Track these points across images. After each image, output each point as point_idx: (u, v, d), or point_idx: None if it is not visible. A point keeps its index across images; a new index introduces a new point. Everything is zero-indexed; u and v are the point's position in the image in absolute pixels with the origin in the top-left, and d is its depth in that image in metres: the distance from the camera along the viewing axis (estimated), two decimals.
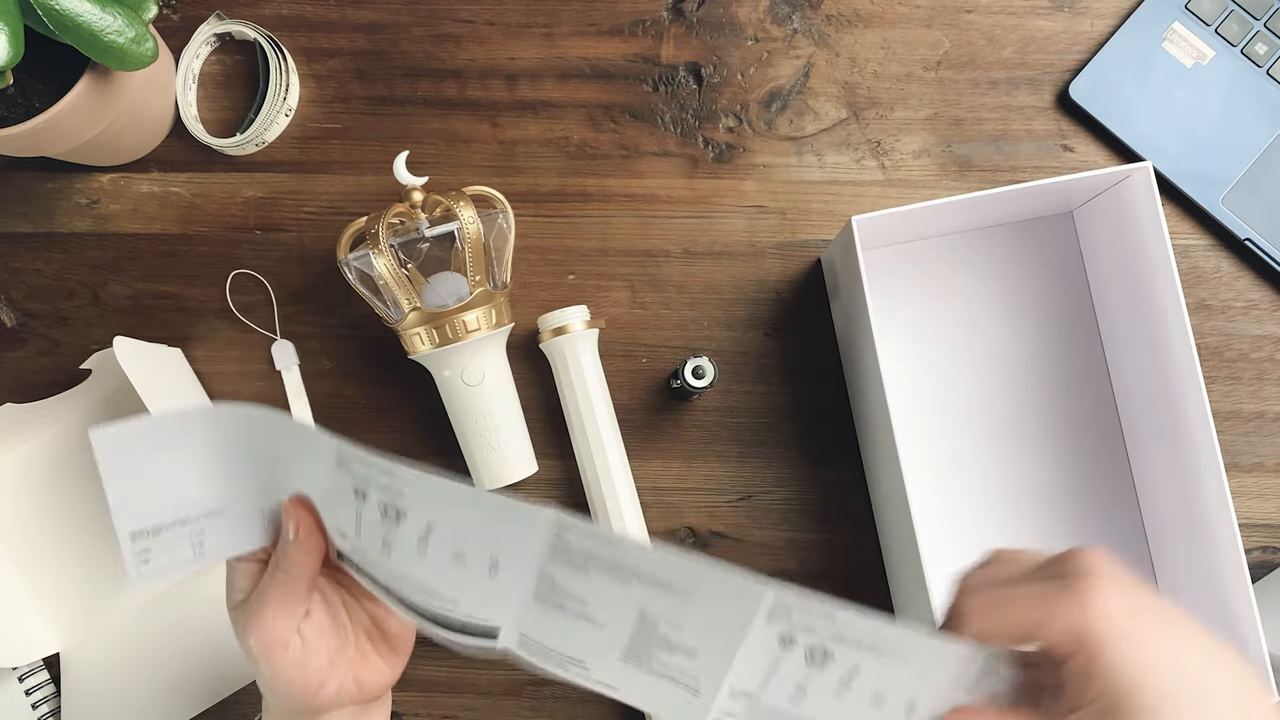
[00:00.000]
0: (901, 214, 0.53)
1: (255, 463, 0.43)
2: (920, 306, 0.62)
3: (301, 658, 0.43)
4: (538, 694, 0.63)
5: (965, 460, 0.62)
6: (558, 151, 0.65)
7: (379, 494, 0.40)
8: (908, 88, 0.64)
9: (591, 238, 0.65)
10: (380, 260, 0.56)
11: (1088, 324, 0.62)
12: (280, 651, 0.42)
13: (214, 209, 0.66)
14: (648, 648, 0.40)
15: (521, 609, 0.40)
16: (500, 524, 0.39)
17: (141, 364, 0.57)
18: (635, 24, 0.65)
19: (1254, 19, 0.62)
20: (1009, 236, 0.63)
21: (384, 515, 0.40)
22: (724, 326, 0.64)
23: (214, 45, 0.66)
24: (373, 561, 0.42)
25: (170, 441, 0.43)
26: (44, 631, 0.61)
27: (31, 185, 0.66)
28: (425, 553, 0.40)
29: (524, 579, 0.39)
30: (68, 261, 0.66)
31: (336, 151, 0.66)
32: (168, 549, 0.44)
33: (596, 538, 0.38)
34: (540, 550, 0.38)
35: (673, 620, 0.38)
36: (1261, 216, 0.61)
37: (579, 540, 0.38)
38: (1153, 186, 0.52)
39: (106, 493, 0.43)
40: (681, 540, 0.63)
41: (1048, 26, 0.64)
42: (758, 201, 0.64)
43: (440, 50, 0.66)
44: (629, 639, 0.39)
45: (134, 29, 0.52)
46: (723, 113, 0.65)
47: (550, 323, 0.60)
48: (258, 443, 0.43)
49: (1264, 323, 0.63)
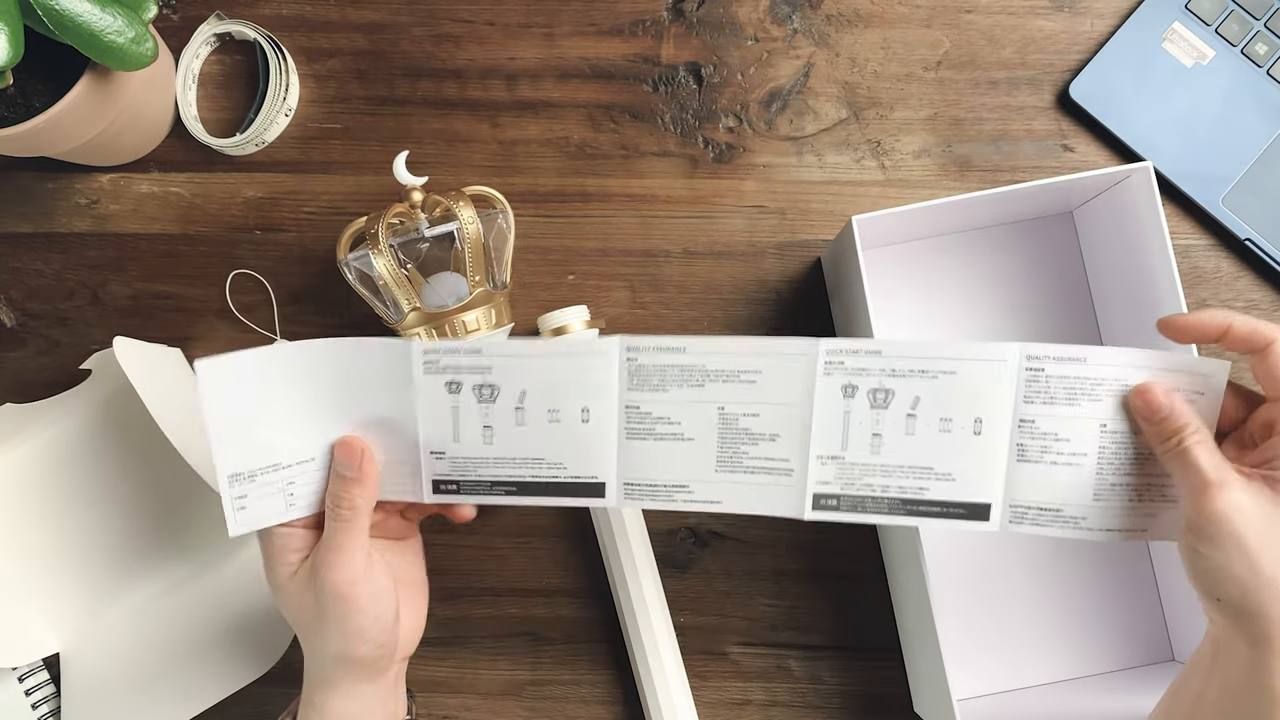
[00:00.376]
0: (902, 213, 0.53)
1: (350, 400, 0.45)
2: (920, 306, 0.62)
3: (378, 588, 0.45)
4: (538, 694, 0.63)
5: None
6: (558, 151, 0.65)
7: (472, 377, 0.45)
8: (908, 88, 0.64)
9: (591, 238, 0.65)
10: (380, 260, 0.56)
11: (1087, 324, 0.62)
12: (363, 587, 0.44)
13: (214, 209, 0.66)
14: (736, 447, 0.45)
15: (620, 454, 0.45)
16: (579, 364, 0.44)
17: (141, 364, 0.57)
18: (635, 24, 0.65)
19: (1254, 19, 0.62)
20: (1009, 236, 0.63)
21: (480, 398, 0.45)
22: (724, 326, 0.64)
23: (214, 45, 0.66)
24: (477, 460, 0.46)
25: (271, 378, 0.44)
26: (44, 631, 0.61)
27: (31, 185, 0.66)
28: (525, 420, 0.45)
29: (614, 420, 0.45)
30: (67, 261, 0.66)
31: (336, 151, 0.66)
32: (263, 496, 0.45)
33: (663, 348, 0.44)
34: (619, 380, 0.44)
35: (749, 407, 0.44)
36: (1262, 216, 0.61)
37: (650, 357, 0.44)
38: (1153, 186, 0.52)
39: (208, 429, 0.44)
40: (681, 540, 0.63)
41: (1048, 26, 0.64)
42: (758, 201, 0.64)
43: (440, 50, 0.66)
44: (718, 444, 0.45)
45: (134, 29, 0.52)
46: (723, 113, 0.65)
47: (550, 323, 0.60)
48: (355, 376, 0.45)
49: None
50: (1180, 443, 0.41)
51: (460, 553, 0.64)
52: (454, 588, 0.63)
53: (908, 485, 0.44)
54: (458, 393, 0.45)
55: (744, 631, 0.62)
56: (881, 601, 0.62)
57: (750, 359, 0.44)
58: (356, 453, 0.45)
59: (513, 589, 0.63)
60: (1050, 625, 0.60)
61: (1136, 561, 0.61)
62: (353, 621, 0.44)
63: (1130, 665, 0.60)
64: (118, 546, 0.63)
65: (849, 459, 0.44)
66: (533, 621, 0.63)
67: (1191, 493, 0.40)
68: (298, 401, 0.45)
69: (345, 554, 0.44)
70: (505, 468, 0.46)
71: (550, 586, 0.63)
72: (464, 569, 0.64)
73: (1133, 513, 0.44)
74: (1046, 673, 0.60)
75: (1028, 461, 0.43)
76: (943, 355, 0.43)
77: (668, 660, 0.59)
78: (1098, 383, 0.43)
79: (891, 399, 0.44)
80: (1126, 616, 0.60)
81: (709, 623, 0.62)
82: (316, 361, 0.45)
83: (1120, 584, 0.60)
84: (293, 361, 0.44)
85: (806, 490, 0.45)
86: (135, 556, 0.63)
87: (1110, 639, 0.60)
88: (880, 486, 0.44)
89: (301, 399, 0.45)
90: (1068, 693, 0.59)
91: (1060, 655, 0.60)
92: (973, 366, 0.43)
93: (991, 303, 0.62)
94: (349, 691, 0.46)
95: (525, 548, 0.63)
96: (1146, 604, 0.60)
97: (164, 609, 0.62)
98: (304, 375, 0.45)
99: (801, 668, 0.62)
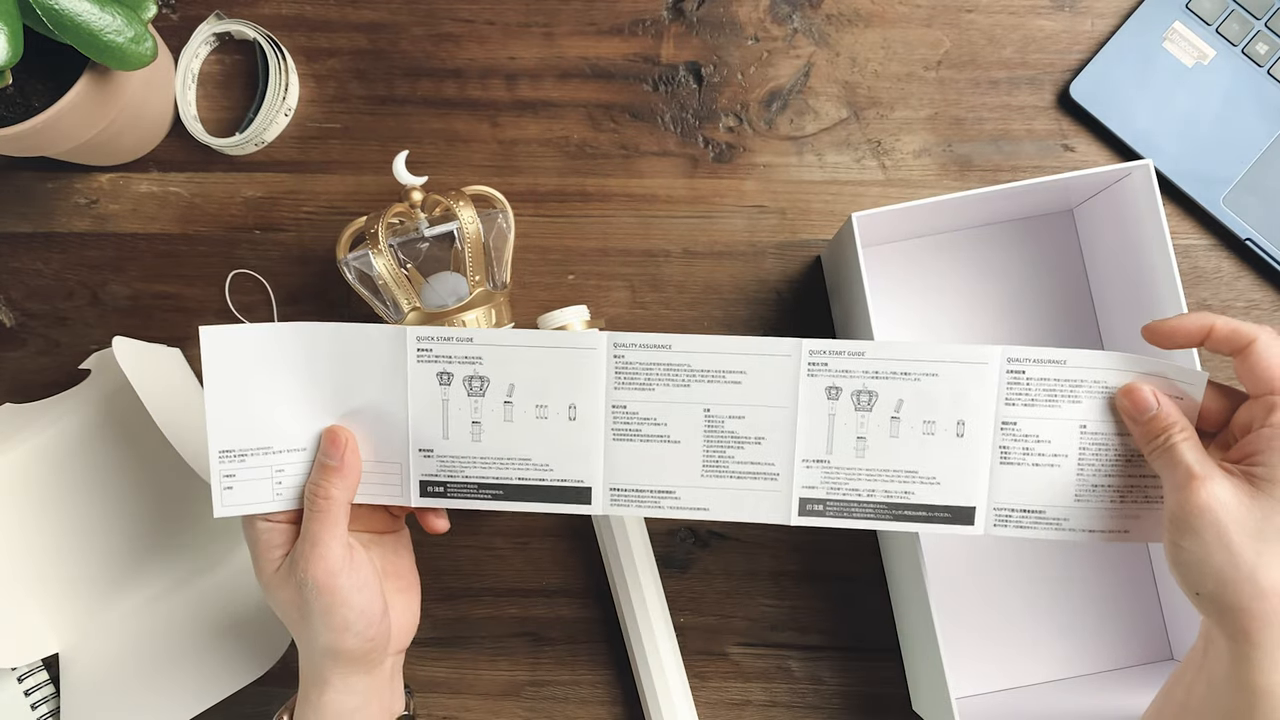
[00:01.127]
0: (901, 211, 0.53)
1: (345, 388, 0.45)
2: (920, 305, 0.62)
3: (361, 580, 0.45)
4: (537, 694, 0.63)
5: None
6: (558, 151, 0.65)
7: (463, 369, 0.45)
8: (908, 87, 0.64)
9: (591, 238, 0.65)
10: (380, 260, 0.56)
11: (1087, 323, 0.62)
12: (344, 579, 0.44)
13: (213, 209, 0.66)
14: (722, 450, 0.45)
15: (606, 456, 0.45)
16: (568, 358, 0.45)
17: (141, 364, 0.57)
18: (635, 23, 0.65)
19: (1255, 18, 0.62)
20: (1009, 235, 0.63)
21: (469, 391, 0.45)
22: (724, 326, 0.64)
23: (213, 45, 0.66)
24: (464, 459, 0.46)
25: (271, 357, 0.45)
26: (43, 631, 0.61)
27: (31, 185, 0.66)
28: (513, 415, 0.45)
29: (601, 419, 0.45)
30: (67, 261, 0.66)
31: (336, 151, 0.66)
32: (251, 479, 0.45)
33: (650, 345, 0.44)
34: (606, 377, 0.45)
35: (734, 409, 0.44)
36: (1262, 216, 0.61)
37: (636, 354, 0.44)
38: (1153, 184, 0.52)
39: (206, 397, 0.44)
40: (681, 541, 0.63)
41: (1048, 26, 0.64)
42: (758, 201, 0.64)
43: (440, 50, 0.66)
44: (703, 447, 0.45)
45: (133, 28, 0.52)
46: (723, 112, 0.65)
47: (550, 322, 0.60)
48: (351, 363, 0.45)
49: (1265, 323, 0.63)
50: (1168, 439, 0.41)
51: (460, 553, 0.64)
52: (454, 588, 0.63)
53: (893, 489, 0.45)
54: (448, 385, 0.45)
55: (744, 632, 0.62)
56: (881, 602, 0.62)
57: (735, 359, 0.44)
58: (340, 442, 0.45)
59: (513, 589, 0.63)
60: (1049, 624, 0.60)
61: (1136, 561, 0.61)
62: (337, 614, 0.44)
63: (1129, 664, 0.60)
64: (117, 546, 0.63)
65: (834, 463, 0.45)
66: (533, 622, 0.63)
67: (1175, 488, 0.40)
68: (294, 385, 0.45)
69: (322, 545, 0.44)
70: (493, 468, 0.46)
71: (550, 586, 0.63)
72: (464, 569, 0.63)
73: (1115, 514, 0.44)
74: (1045, 672, 0.60)
75: (1010, 464, 0.44)
76: (925, 358, 0.43)
77: (668, 660, 0.59)
78: (1077, 384, 0.43)
79: (875, 401, 0.44)
80: (1125, 616, 0.60)
81: (709, 623, 0.62)
82: (316, 345, 0.45)
83: (1119, 583, 0.60)
84: (293, 342, 0.45)
85: (793, 495, 0.45)
86: (135, 556, 0.63)
87: (1109, 638, 0.60)
88: (866, 491, 0.45)
89: (298, 383, 0.45)
90: (1067, 692, 0.59)
91: (1059, 654, 0.60)
92: (955, 369, 0.43)
93: (991, 301, 0.62)
94: (343, 685, 0.46)
95: (525, 548, 0.63)
96: (1145, 603, 0.60)
97: (163, 609, 0.62)
98: (303, 358, 0.45)
99: (801, 668, 0.62)
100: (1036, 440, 0.44)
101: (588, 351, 0.45)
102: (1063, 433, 0.44)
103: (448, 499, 0.47)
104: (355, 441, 0.46)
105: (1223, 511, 0.38)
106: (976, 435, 0.44)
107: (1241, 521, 0.38)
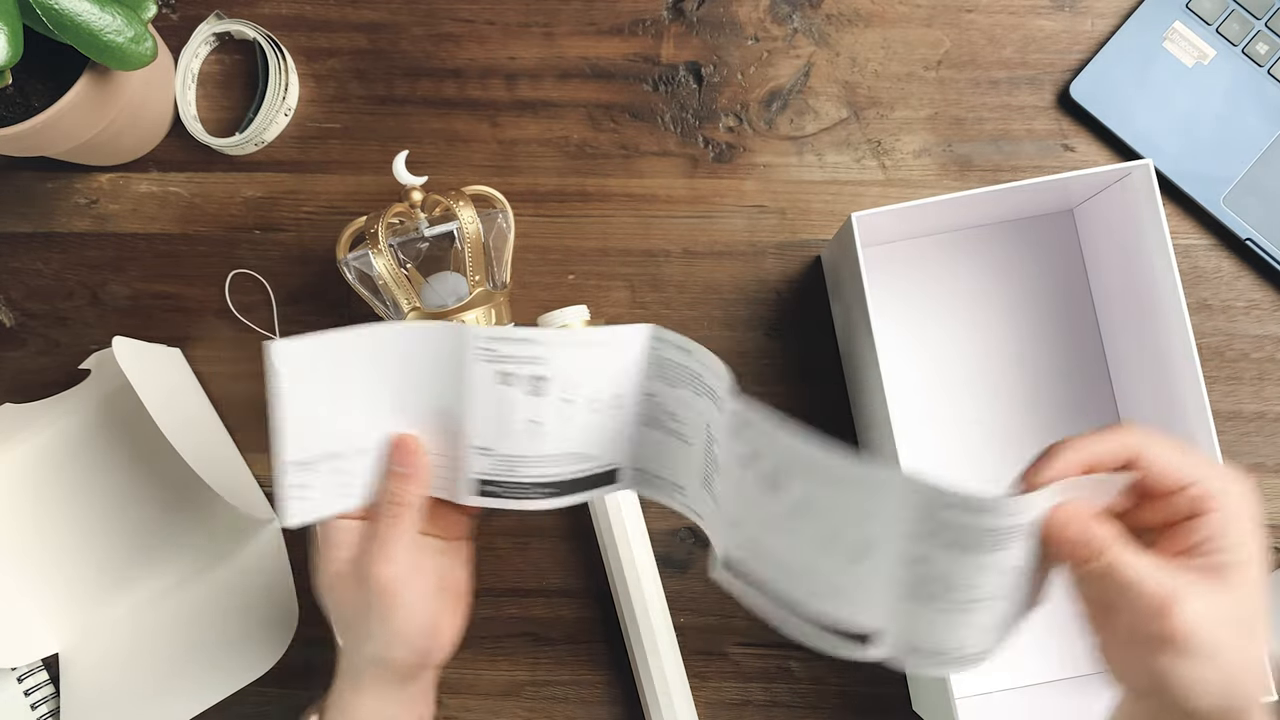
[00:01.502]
0: (901, 210, 0.53)
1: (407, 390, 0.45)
2: (920, 305, 0.62)
3: (425, 590, 0.45)
4: (537, 694, 0.63)
5: (965, 459, 0.61)
6: (557, 151, 0.65)
7: (525, 368, 0.44)
8: (908, 87, 0.64)
9: (591, 238, 0.65)
10: (379, 260, 0.56)
11: (1088, 323, 0.62)
12: (407, 588, 0.44)
13: (213, 209, 0.66)
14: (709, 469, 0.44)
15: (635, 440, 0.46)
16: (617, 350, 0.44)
17: (140, 364, 0.57)
18: (635, 23, 0.65)
19: (1255, 18, 0.62)
20: (1009, 234, 0.63)
21: (531, 391, 0.45)
22: (724, 326, 0.64)
23: (213, 45, 0.66)
24: (518, 458, 0.46)
25: (336, 363, 0.44)
26: (43, 631, 0.61)
27: (31, 185, 0.66)
28: (570, 414, 0.45)
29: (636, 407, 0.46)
30: (67, 261, 0.66)
31: (336, 151, 0.66)
32: (322, 485, 0.45)
33: (681, 346, 0.44)
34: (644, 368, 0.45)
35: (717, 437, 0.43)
36: (1262, 216, 0.61)
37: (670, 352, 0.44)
38: (1153, 183, 0.52)
39: (278, 414, 0.44)
40: (681, 540, 0.63)
41: (1048, 26, 0.64)
42: (758, 201, 0.64)
43: (440, 50, 0.66)
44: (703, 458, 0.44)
45: (133, 28, 0.52)
46: (723, 112, 0.65)
47: (550, 322, 0.60)
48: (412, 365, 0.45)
49: (1265, 323, 0.63)
50: (1102, 556, 0.37)
51: None
52: None
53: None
54: (508, 385, 0.45)
55: (744, 631, 0.62)
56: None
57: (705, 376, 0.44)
58: (411, 449, 0.45)
59: (512, 589, 0.63)
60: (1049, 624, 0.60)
61: None
62: (394, 621, 0.44)
63: None
64: (117, 546, 0.63)
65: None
66: (533, 621, 0.63)
67: (1144, 615, 0.36)
68: (358, 389, 0.45)
69: (391, 548, 0.44)
70: (546, 465, 0.46)
71: (550, 586, 0.63)
72: None
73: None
74: (1045, 672, 0.60)
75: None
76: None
77: (668, 660, 0.59)
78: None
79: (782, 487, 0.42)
80: None
81: (709, 623, 0.62)
82: (379, 348, 0.44)
83: None
84: (357, 348, 0.44)
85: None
86: (134, 556, 0.63)
87: None
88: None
89: (362, 387, 0.45)
90: (1067, 692, 0.59)
91: (1059, 654, 0.60)
92: (872, 496, 0.39)
93: (991, 301, 0.62)
94: (381, 693, 0.46)
95: (525, 548, 0.63)
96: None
97: (163, 609, 0.62)
98: (366, 362, 0.44)
99: (802, 668, 0.62)
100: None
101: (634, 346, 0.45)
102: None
103: (501, 499, 0.46)
104: (423, 448, 0.46)
105: (1208, 629, 0.35)
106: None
107: (1227, 625, 0.36)
